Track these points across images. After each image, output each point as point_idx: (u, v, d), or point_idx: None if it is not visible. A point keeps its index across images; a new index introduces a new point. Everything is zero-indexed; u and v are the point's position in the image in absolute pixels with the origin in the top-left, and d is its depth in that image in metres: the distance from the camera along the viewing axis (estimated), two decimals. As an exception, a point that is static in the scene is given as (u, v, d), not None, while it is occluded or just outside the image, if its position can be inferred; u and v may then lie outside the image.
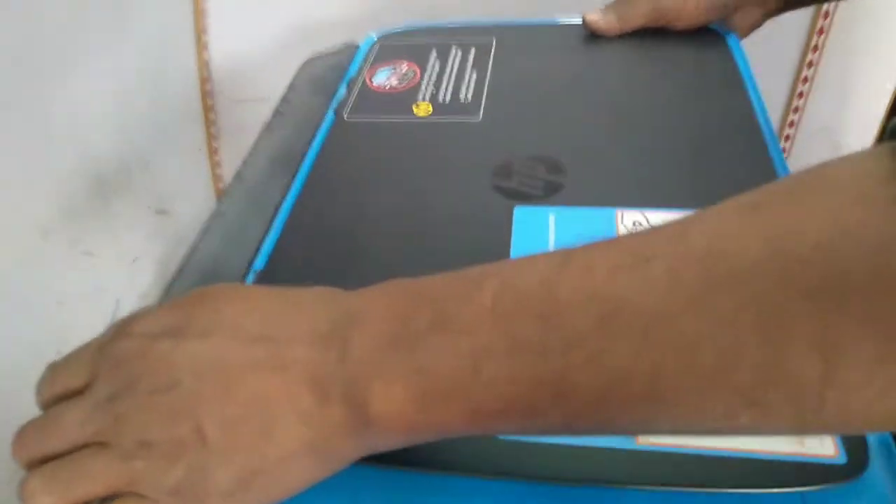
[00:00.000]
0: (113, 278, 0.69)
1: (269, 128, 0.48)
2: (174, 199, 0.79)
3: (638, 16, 0.50)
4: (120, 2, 0.68)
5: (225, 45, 0.82)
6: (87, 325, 0.65)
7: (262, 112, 0.86)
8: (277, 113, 0.49)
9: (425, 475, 0.27)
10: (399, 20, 0.60)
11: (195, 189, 0.86)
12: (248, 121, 0.87)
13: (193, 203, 0.83)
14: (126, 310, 0.69)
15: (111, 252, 0.68)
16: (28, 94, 0.55)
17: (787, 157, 0.84)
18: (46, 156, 0.58)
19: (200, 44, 0.80)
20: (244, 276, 0.36)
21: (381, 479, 0.27)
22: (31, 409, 0.59)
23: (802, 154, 0.85)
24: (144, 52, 0.72)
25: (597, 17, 0.51)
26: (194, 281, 0.39)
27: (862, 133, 0.84)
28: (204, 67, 0.82)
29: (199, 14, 0.79)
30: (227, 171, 0.91)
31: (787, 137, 0.84)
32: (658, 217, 0.36)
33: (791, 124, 0.83)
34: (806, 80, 0.80)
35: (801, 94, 0.81)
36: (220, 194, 0.90)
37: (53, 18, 0.57)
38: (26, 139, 0.55)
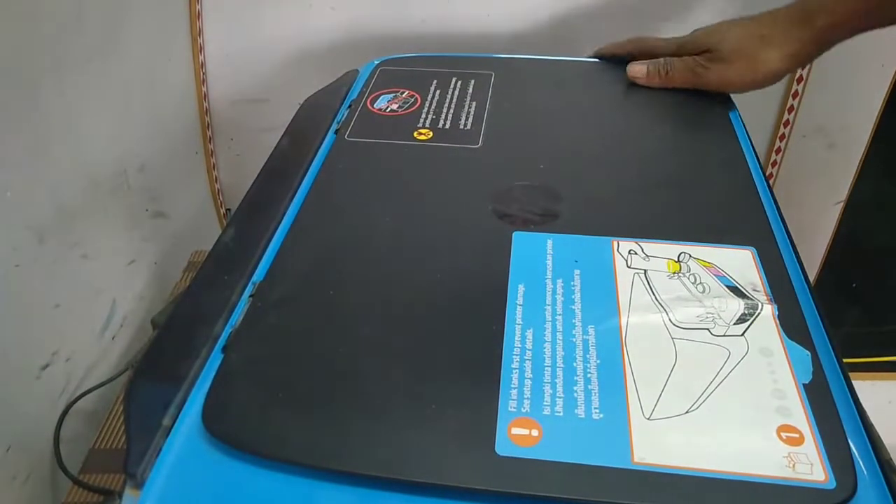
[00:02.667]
0: (109, 280, 0.69)
1: (273, 154, 0.48)
2: (170, 201, 0.78)
3: (678, 81, 0.52)
4: (115, 5, 0.67)
5: (220, 47, 0.81)
6: (85, 327, 0.65)
7: (259, 113, 0.86)
8: (281, 141, 0.49)
9: (423, 494, 0.27)
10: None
11: (191, 191, 0.85)
12: (245, 123, 0.88)
13: (190, 205, 0.83)
14: (123, 312, 0.69)
15: (107, 254, 0.68)
16: (23, 97, 0.55)
17: (782, 157, 0.84)
18: (42, 159, 0.58)
19: (196, 46, 0.80)
20: (243, 287, 0.36)
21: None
22: (31, 409, 0.60)
23: (798, 154, 0.85)
24: (140, 55, 0.72)
25: (640, 71, 0.53)
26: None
27: (857, 133, 0.84)
28: (199, 70, 0.82)
29: (193, 16, 0.78)
30: (224, 174, 0.90)
31: (783, 137, 0.84)
32: (652, 247, 0.37)
33: (786, 124, 0.83)
34: (801, 79, 0.80)
35: (795, 94, 0.81)
36: (217, 198, 0.90)
37: (50, 21, 0.57)
38: (22, 142, 0.55)
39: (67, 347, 0.62)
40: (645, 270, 0.35)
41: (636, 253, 0.36)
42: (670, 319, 0.33)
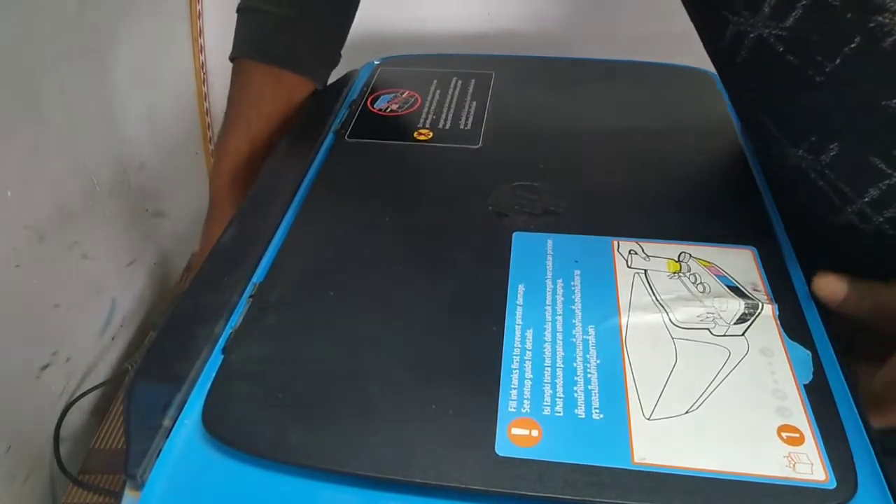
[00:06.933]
0: (109, 280, 0.69)
1: (274, 153, 0.48)
2: (170, 201, 0.78)
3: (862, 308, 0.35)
4: (116, 5, 0.67)
5: (221, 47, 0.81)
6: (84, 327, 0.65)
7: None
8: (281, 142, 0.49)
9: (423, 494, 0.27)
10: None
11: (191, 191, 0.86)
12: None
13: (189, 205, 0.83)
14: (123, 312, 0.69)
15: (107, 254, 0.68)
16: (23, 97, 0.55)
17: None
18: (42, 159, 0.58)
19: (196, 46, 0.80)
20: (243, 288, 0.36)
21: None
22: (30, 409, 0.60)
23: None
24: (140, 54, 0.72)
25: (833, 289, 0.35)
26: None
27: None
28: (200, 70, 0.82)
29: (194, 16, 0.78)
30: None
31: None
32: (653, 247, 0.37)
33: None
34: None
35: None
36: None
37: (49, 20, 0.57)
38: (21, 142, 0.55)
39: (67, 347, 0.62)
40: (645, 270, 0.35)
41: (636, 253, 0.36)
42: (670, 319, 0.33)
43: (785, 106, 0.35)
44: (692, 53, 0.53)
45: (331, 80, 0.57)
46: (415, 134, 0.47)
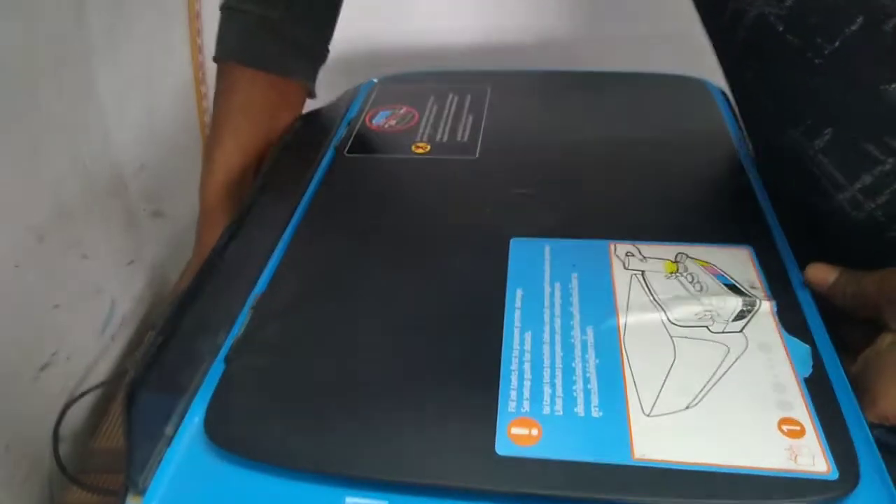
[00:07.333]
0: (109, 281, 0.69)
1: (272, 165, 0.48)
2: (170, 201, 0.78)
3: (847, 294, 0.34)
4: (115, 5, 0.67)
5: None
6: (84, 328, 0.65)
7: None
8: (280, 156, 0.49)
9: (419, 493, 0.27)
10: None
11: (191, 191, 0.85)
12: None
13: (188, 205, 0.83)
14: (122, 312, 0.69)
15: (107, 254, 0.68)
16: (22, 97, 0.55)
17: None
18: (41, 159, 0.58)
19: (195, 46, 0.80)
20: (245, 298, 0.36)
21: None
22: (30, 409, 0.59)
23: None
24: (139, 54, 0.72)
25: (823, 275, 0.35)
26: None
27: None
28: (198, 70, 0.82)
29: (192, 16, 0.78)
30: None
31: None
32: (650, 249, 0.37)
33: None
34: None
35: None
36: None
37: (49, 21, 0.57)
38: (21, 142, 0.55)
39: (67, 347, 0.62)
40: (642, 272, 0.35)
41: (633, 255, 0.36)
42: (668, 318, 0.33)
43: (783, 87, 0.35)
44: (693, 70, 0.54)
45: (329, 98, 0.57)
46: (413, 147, 0.47)
